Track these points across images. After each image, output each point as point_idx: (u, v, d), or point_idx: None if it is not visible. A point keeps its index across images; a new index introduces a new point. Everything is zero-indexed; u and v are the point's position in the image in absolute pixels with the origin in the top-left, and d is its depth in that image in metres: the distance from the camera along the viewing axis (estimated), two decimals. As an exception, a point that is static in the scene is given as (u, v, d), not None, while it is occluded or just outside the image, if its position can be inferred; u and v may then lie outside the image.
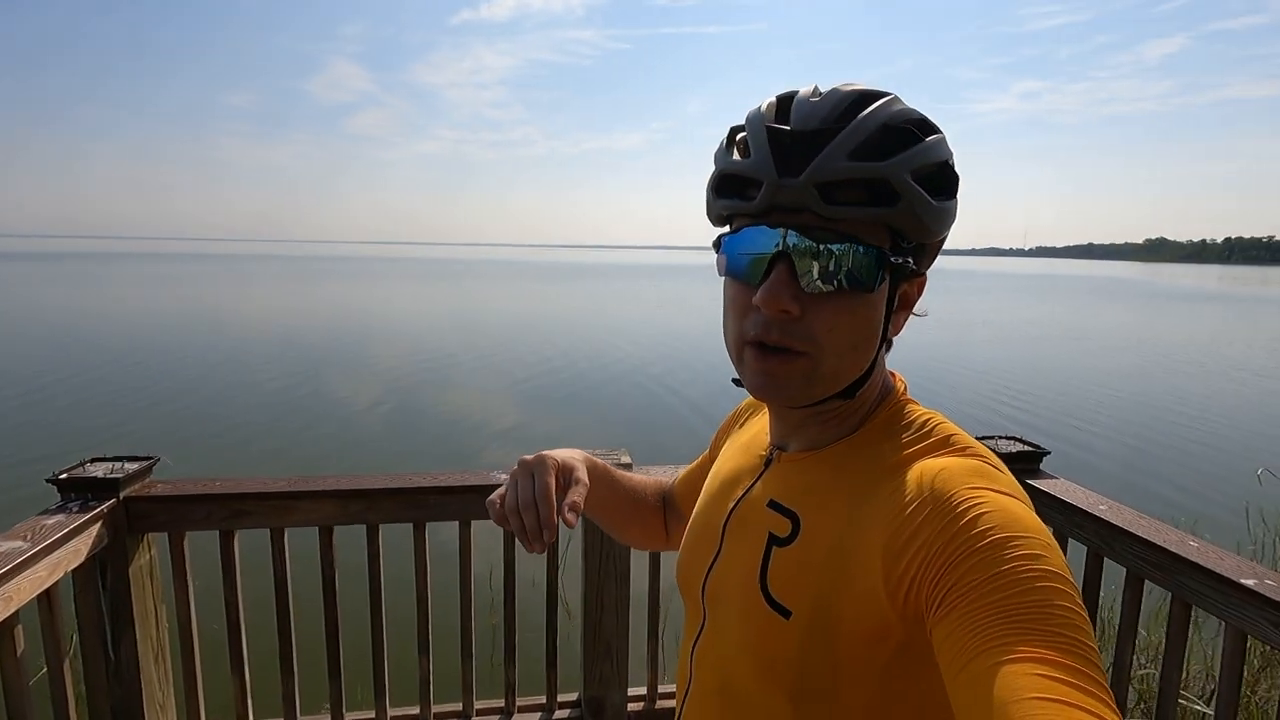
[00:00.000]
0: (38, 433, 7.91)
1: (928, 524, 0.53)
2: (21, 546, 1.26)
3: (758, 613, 0.63)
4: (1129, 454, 8.14)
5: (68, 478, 1.48)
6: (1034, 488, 1.72)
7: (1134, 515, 1.54)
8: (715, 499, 0.77)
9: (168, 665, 1.67)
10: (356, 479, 1.65)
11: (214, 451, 7.30)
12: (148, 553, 1.60)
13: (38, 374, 11.02)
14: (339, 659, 1.72)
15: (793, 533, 0.64)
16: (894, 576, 0.54)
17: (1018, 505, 0.53)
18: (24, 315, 19.51)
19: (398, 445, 7.90)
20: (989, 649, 0.45)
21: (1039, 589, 0.47)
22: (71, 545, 1.37)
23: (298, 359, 13.14)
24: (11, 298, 25.73)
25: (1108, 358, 15.84)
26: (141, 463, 1.58)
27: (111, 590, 1.52)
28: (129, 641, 1.55)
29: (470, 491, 1.67)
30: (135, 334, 15.92)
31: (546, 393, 10.92)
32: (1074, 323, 24.26)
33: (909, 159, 0.57)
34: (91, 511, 1.43)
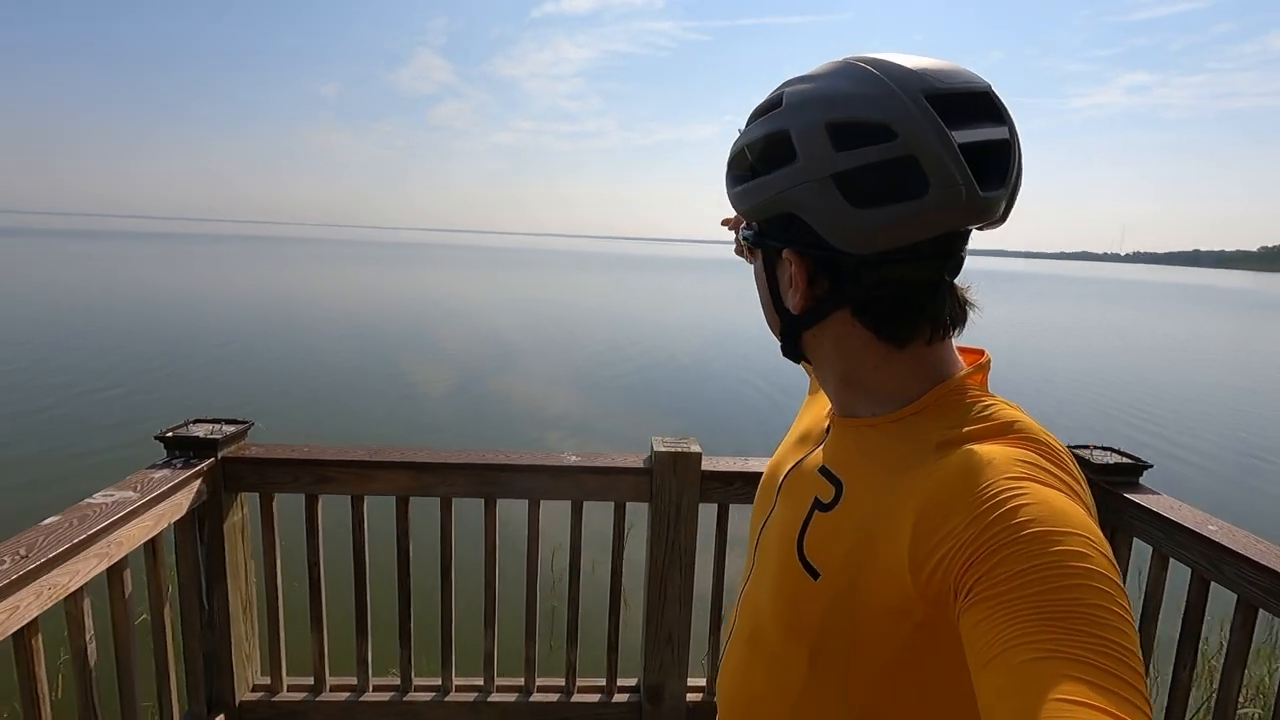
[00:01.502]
0: (146, 395, 8.58)
1: (961, 509, 0.51)
2: (132, 496, 1.35)
3: (790, 570, 0.66)
4: (1243, 475, 7.53)
5: (173, 436, 1.59)
6: (1132, 503, 1.60)
7: (1249, 537, 1.41)
8: (780, 459, 0.81)
9: (254, 618, 1.77)
10: (432, 452, 1.70)
11: (299, 422, 7.71)
12: (240, 511, 1.70)
13: (148, 342, 11.95)
14: (410, 626, 1.78)
15: (835, 499, 0.65)
16: (919, 555, 0.53)
17: (1062, 499, 0.50)
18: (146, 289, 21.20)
19: (469, 425, 8.15)
20: (1019, 644, 0.43)
21: (1079, 587, 0.44)
22: (175, 499, 1.47)
23: (376, 339, 13.76)
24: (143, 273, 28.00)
25: (1222, 373, 14.68)
26: (238, 426, 1.68)
27: (208, 543, 1.63)
28: (221, 593, 1.65)
29: (540, 471, 1.69)
30: (235, 310, 17.03)
31: (614, 381, 11.02)
32: (1184, 333, 22.60)
33: (736, 142, 0.68)
34: (193, 469, 1.53)
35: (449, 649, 1.79)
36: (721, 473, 1.71)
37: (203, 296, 20.02)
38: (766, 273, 0.69)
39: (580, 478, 1.70)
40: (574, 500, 1.73)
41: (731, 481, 1.72)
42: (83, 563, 1.21)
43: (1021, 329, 21.34)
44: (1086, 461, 1.72)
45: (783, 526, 0.70)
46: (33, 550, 1.12)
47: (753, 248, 0.70)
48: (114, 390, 8.65)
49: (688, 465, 1.68)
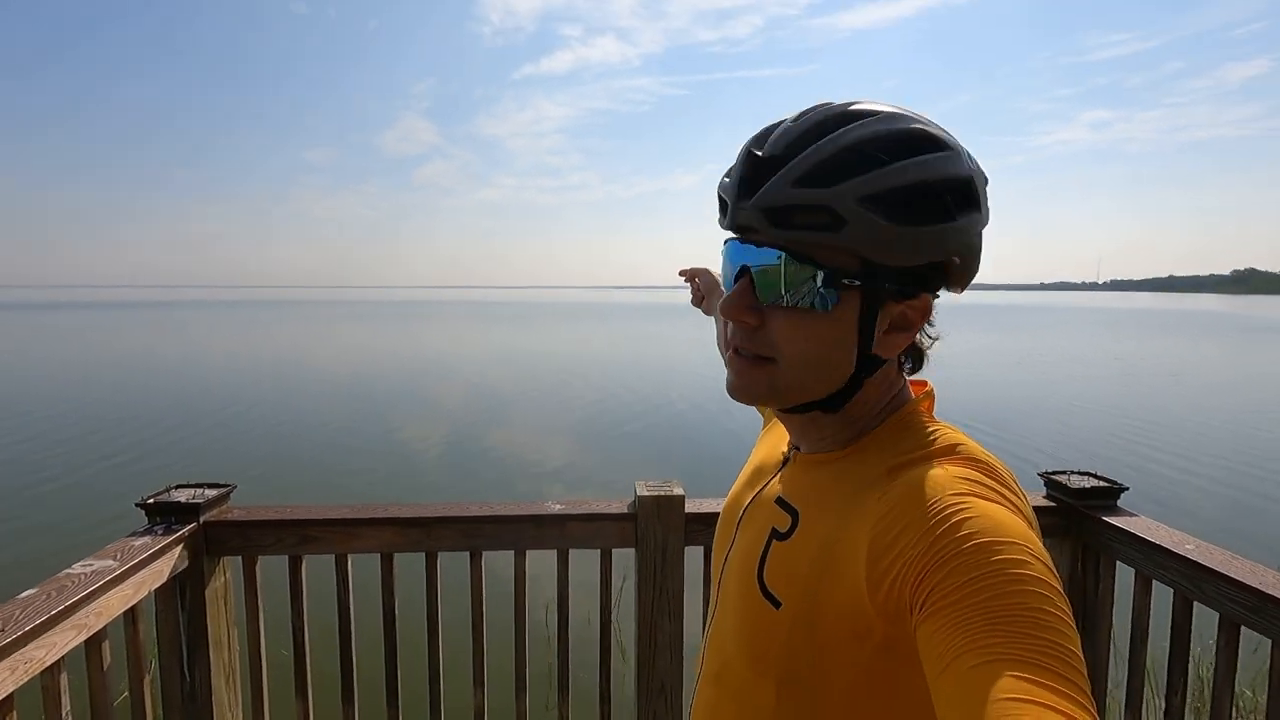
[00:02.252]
0: (131, 461, 8.46)
1: (912, 526, 0.54)
2: (112, 565, 1.34)
3: (752, 601, 0.67)
4: (1234, 496, 7.56)
5: (154, 502, 1.58)
6: (1110, 525, 1.62)
7: (1226, 556, 1.43)
8: (740, 491, 0.83)
9: (238, 687, 1.73)
10: (416, 507, 1.70)
11: (286, 485, 7.62)
12: (223, 575, 1.68)
13: (129, 410, 11.83)
14: (397, 687, 1.74)
15: (791, 528, 0.67)
16: (875, 574, 0.55)
17: (1004, 512, 0.53)
18: (123, 358, 21.04)
19: (454, 479, 8.10)
20: (970, 650, 0.45)
21: (1021, 593, 0.47)
22: (155, 565, 1.46)
23: (360, 397, 13.75)
24: (117, 342, 27.84)
25: (1207, 397, 14.86)
26: (220, 489, 1.67)
27: (190, 610, 1.60)
28: (203, 663, 1.62)
29: (525, 521, 1.69)
30: (217, 374, 16.97)
31: (599, 429, 11.02)
32: (1161, 358, 22.92)
33: (861, 184, 0.58)
34: (175, 534, 1.52)
35: (438, 707, 1.75)
36: (706, 514, 1.72)
37: (187, 363, 20.00)
38: (864, 317, 0.62)
39: (565, 526, 1.70)
40: (559, 549, 1.73)
41: (716, 523, 1.73)
42: (59, 635, 1.19)
43: (1002, 358, 21.60)
44: (1064, 486, 1.75)
45: (743, 558, 0.72)
46: (9, 624, 1.11)
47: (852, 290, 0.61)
48: (98, 461, 8.56)
49: (671, 508, 1.69)
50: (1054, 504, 1.76)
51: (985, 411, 12.18)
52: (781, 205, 0.59)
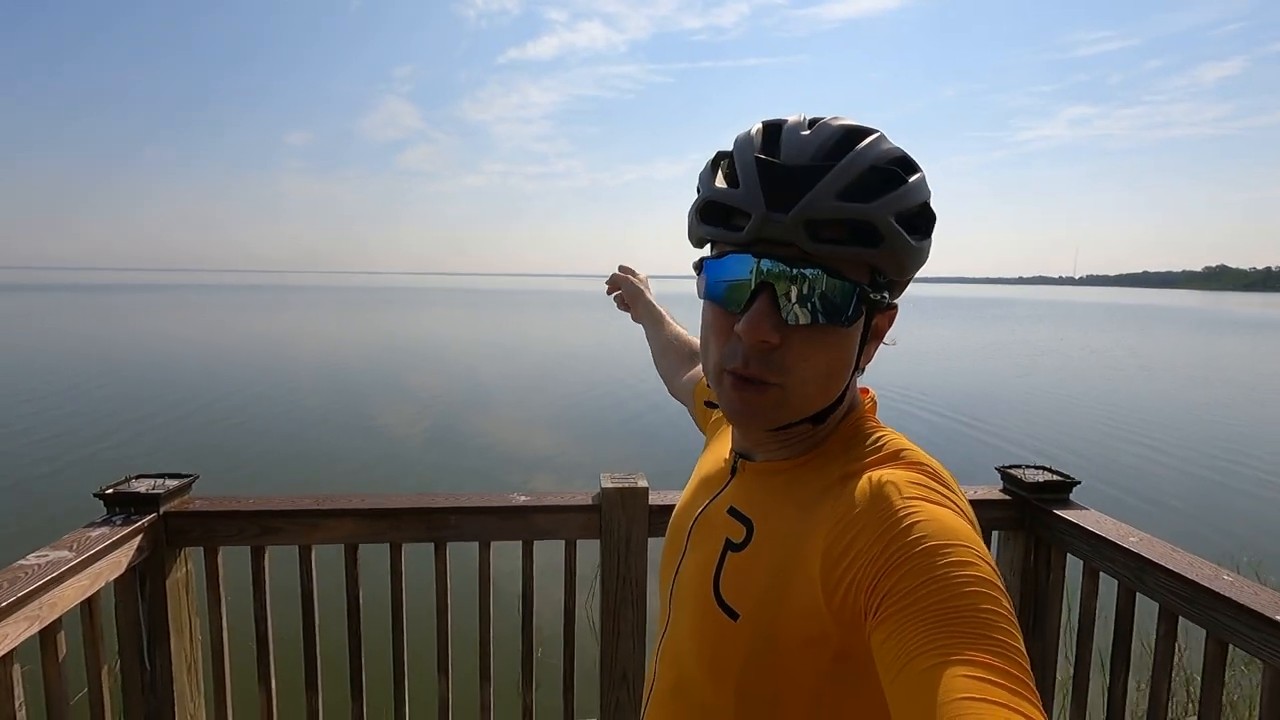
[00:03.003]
0: (93, 451, 8.31)
1: (864, 532, 0.55)
2: (67, 556, 1.33)
3: (709, 614, 0.66)
4: (1202, 489, 7.77)
5: (113, 493, 1.57)
6: (1061, 518, 1.67)
7: (1167, 548, 1.48)
8: (689, 502, 0.81)
9: (199, 677, 1.73)
10: (380, 498, 1.70)
11: (258, 471, 7.54)
12: (184, 566, 1.67)
13: (97, 397, 11.60)
14: (361, 677, 1.75)
15: (746, 538, 0.67)
16: (831, 582, 0.56)
17: (950, 515, 0.55)
18: (86, 343, 20.55)
19: (424, 470, 8.04)
20: (923, 652, 0.46)
21: (969, 594, 0.49)
22: (113, 556, 1.45)
23: (337, 384, 13.61)
24: (80, 326, 27.20)
25: (1175, 390, 15.20)
26: (182, 480, 1.66)
27: (149, 601, 1.59)
28: (164, 652, 1.62)
29: (490, 513, 1.70)
30: (187, 361, 16.69)
31: (571, 419, 11.03)
32: (1129, 352, 23.39)
33: (893, 201, 0.59)
34: (133, 525, 1.51)
35: (402, 698, 1.76)
36: (669, 506, 1.74)
37: (152, 350, 19.54)
38: (864, 331, 0.65)
39: (530, 517, 1.71)
40: (524, 540, 1.74)
41: None
42: (11, 626, 1.19)
43: (979, 350, 21.91)
44: (1019, 480, 1.79)
45: (697, 571, 0.71)
46: (-42, 616, 1.10)
47: (870, 303, 0.63)
48: (56, 451, 8.38)
49: (635, 500, 1.71)
50: (1009, 497, 1.81)
51: (968, 402, 12.39)
52: (826, 219, 0.58)
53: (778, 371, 0.61)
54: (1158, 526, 6.62)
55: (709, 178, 0.65)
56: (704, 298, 0.66)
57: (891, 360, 19.02)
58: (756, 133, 0.63)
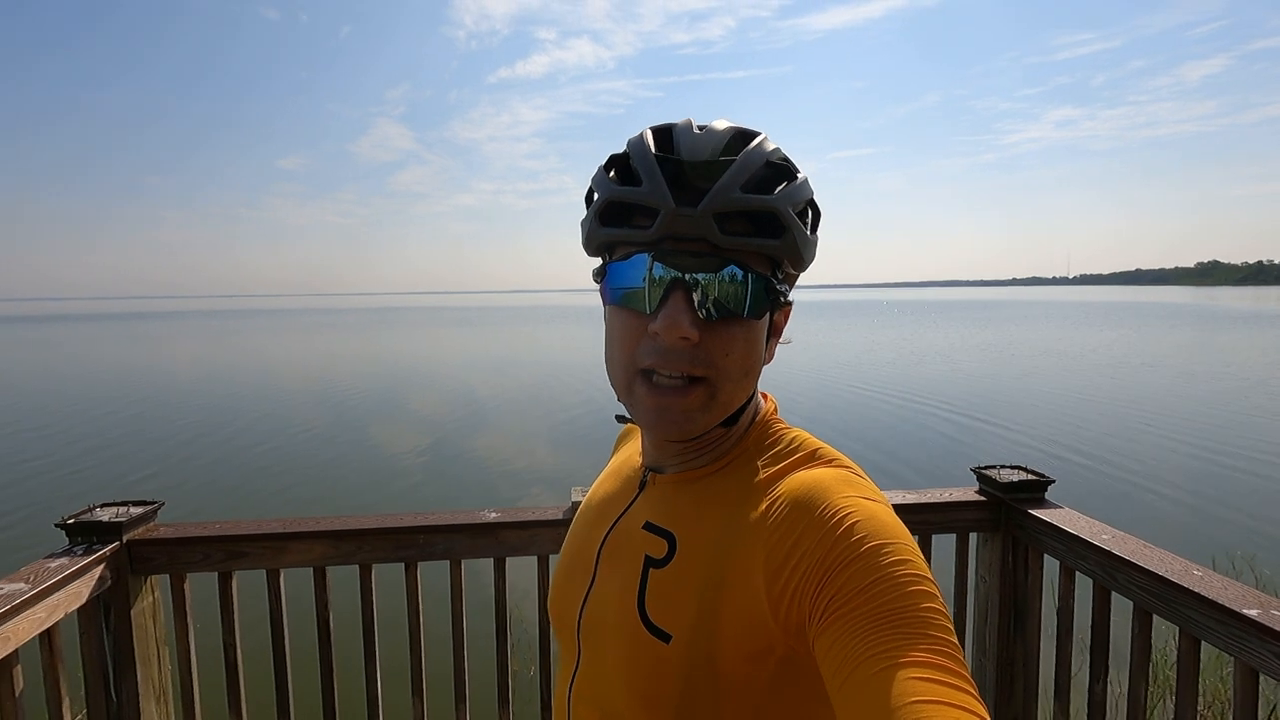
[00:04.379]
0: (58, 480, 8.24)
1: (806, 535, 0.54)
2: (22, 588, 1.31)
3: (637, 640, 0.62)
4: (1181, 487, 7.76)
5: (75, 522, 1.55)
6: (1035, 518, 1.66)
7: (1138, 544, 1.47)
8: (588, 527, 0.75)
9: (169, 707, 1.70)
10: (347, 519, 1.68)
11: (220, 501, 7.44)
12: (151, 595, 1.65)
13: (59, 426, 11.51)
14: (334, 701, 1.72)
15: (669, 553, 0.63)
16: (776, 589, 0.55)
17: (885, 511, 0.55)
18: (58, 373, 20.43)
19: (393, 493, 7.99)
20: (871, 655, 0.46)
21: (910, 594, 0.49)
22: (72, 587, 1.42)
23: (321, 407, 13.55)
24: (82, 355, 27.13)
25: (1175, 384, 15.25)
26: (147, 506, 1.64)
27: (114, 632, 1.57)
28: (130, 683, 1.59)
29: (459, 531, 1.68)
30: (153, 390, 16.54)
31: (544, 432, 11.01)
32: (1128, 349, 23.47)
33: (791, 193, 0.60)
34: (94, 554, 1.49)
35: (376, 719, 1.74)
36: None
37: (124, 377, 19.40)
38: (770, 327, 0.65)
39: (500, 534, 1.69)
40: (495, 557, 1.72)
41: None
42: (-39, 662, 1.16)
43: (984, 351, 21.97)
44: (994, 480, 1.78)
45: (615, 597, 0.66)
46: (-97, 653, 1.07)
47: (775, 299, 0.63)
48: (20, 479, 8.27)
49: (607, 513, 1.69)
50: (985, 498, 1.79)
51: (971, 400, 12.40)
52: (732, 211, 0.57)
53: (704, 366, 0.60)
54: (1168, 521, 6.54)
55: (604, 180, 0.63)
56: (610, 304, 0.64)
57: (890, 363, 19.03)
58: (648, 135, 0.62)
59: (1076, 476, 8.02)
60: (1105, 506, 6.80)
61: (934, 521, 1.77)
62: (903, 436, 10.24)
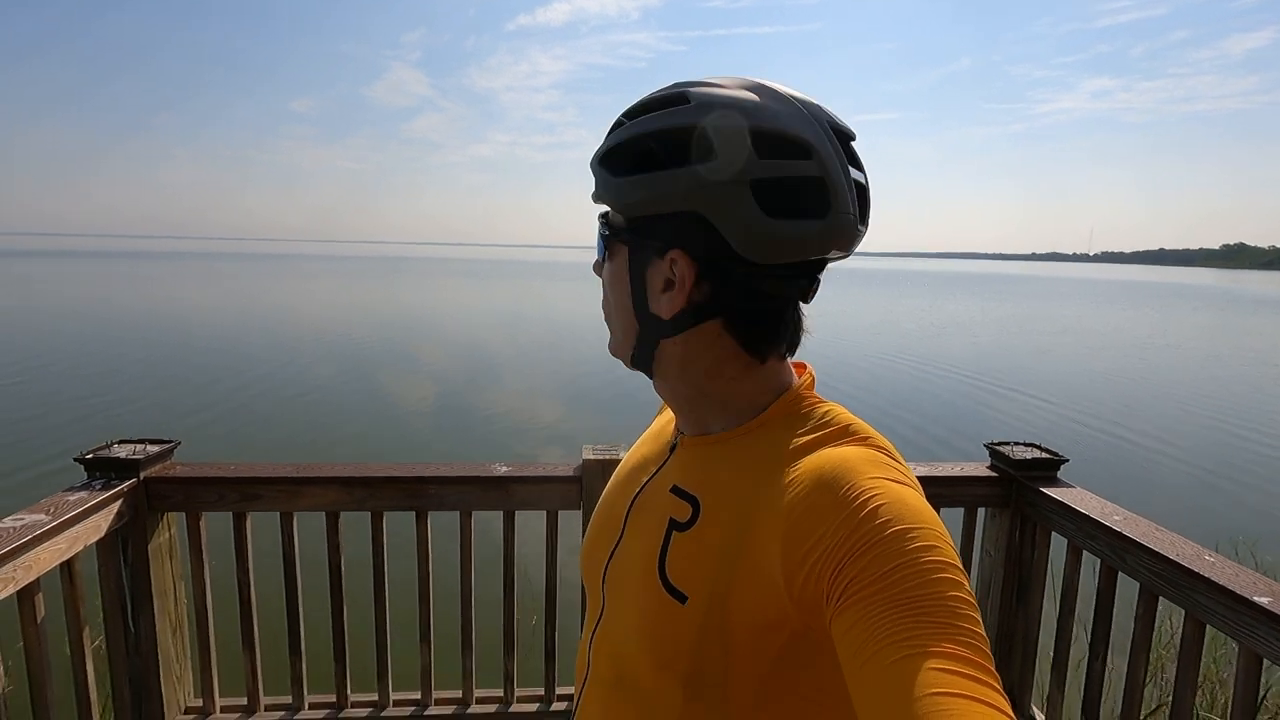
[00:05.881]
0: (78, 416, 8.38)
1: (828, 514, 0.53)
2: (43, 520, 1.34)
3: (655, 598, 0.63)
4: (1197, 471, 7.73)
5: (93, 457, 1.57)
6: (1047, 496, 1.65)
7: (1149, 527, 1.46)
8: (621, 486, 0.77)
9: (185, 640, 1.76)
10: (361, 467, 1.70)
11: (244, 439, 7.56)
12: (167, 531, 1.68)
13: (78, 363, 11.67)
14: (344, 642, 1.77)
15: (693, 517, 0.63)
16: (792, 564, 0.54)
17: (913, 495, 0.53)
18: (80, 310, 20.58)
19: (413, 438, 8.08)
20: (892, 642, 0.45)
21: (935, 581, 0.47)
22: (92, 521, 1.46)
23: (334, 354, 13.62)
24: (77, 292, 27.32)
25: (1193, 368, 15.07)
26: (163, 445, 1.67)
27: (132, 565, 1.61)
28: (148, 615, 1.64)
29: (470, 483, 1.70)
30: (174, 329, 16.66)
31: (555, 389, 11.07)
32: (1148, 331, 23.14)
33: (601, 148, 0.66)
34: (113, 489, 1.51)
35: (385, 664, 1.78)
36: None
37: (144, 316, 19.49)
38: (632, 273, 0.64)
39: (511, 488, 1.71)
40: (505, 510, 1.74)
41: None
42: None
43: (971, 326, 21.76)
44: (1006, 457, 1.77)
45: (639, 555, 0.67)
46: (-71, 577, 1.10)
47: (620, 243, 0.65)
48: (41, 414, 8.37)
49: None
50: (996, 474, 1.79)
51: (1004, 374, 12.34)
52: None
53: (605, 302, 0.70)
54: (1176, 503, 6.47)
55: None
56: None
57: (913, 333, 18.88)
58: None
59: (1090, 455, 8.00)
60: (1115, 485, 6.78)
61: (944, 495, 1.77)
62: (916, 407, 10.21)
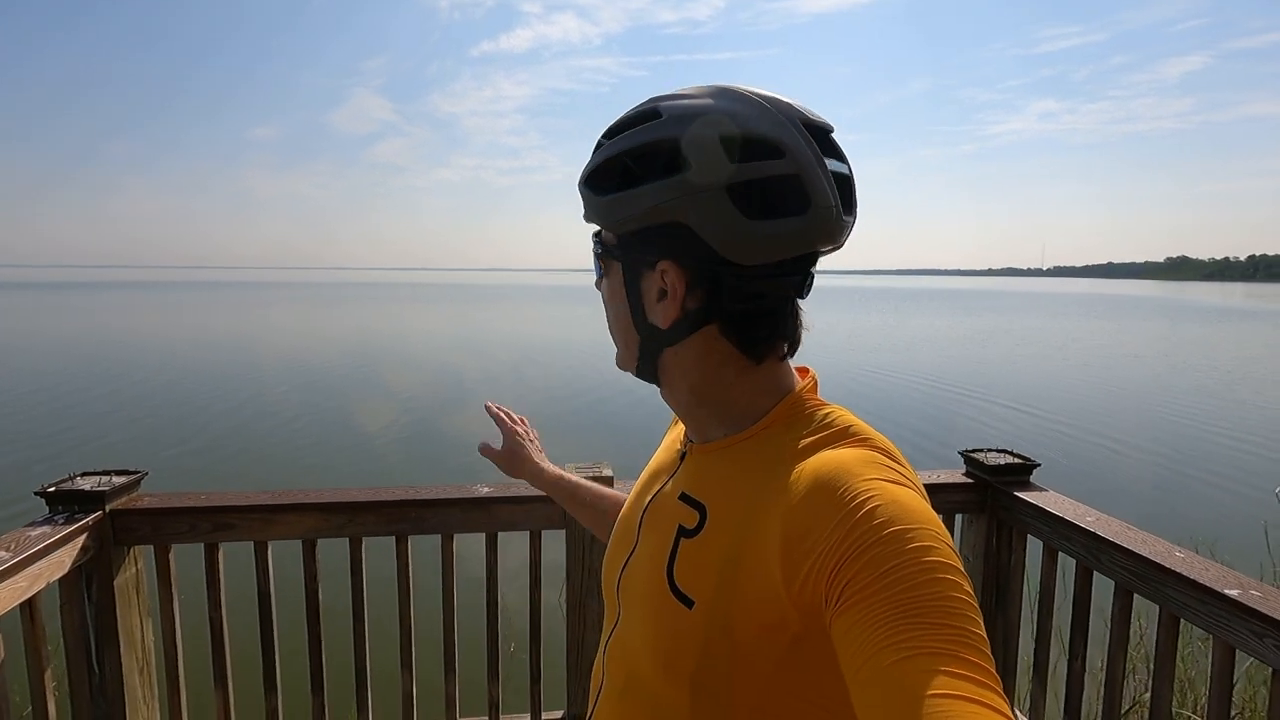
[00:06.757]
0: (39, 450, 8.05)
1: (825, 516, 0.53)
2: (3, 556, 1.28)
3: (663, 603, 0.63)
4: (1157, 473, 7.99)
5: (55, 491, 1.51)
6: (1021, 500, 1.69)
7: (1122, 526, 1.51)
8: (636, 496, 0.79)
9: (152, 679, 1.68)
10: (339, 492, 1.66)
11: (212, 470, 7.34)
12: (134, 566, 1.62)
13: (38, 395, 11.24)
14: (322, 674, 1.71)
15: (700, 524, 0.64)
16: (790, 566, 0.54)
17: (910, 495, 0.54)
18: (36, 341, 19.90)
19: (383, 466, 7.94)
20: (890, 645, 0.45)
21: (934, 581, 0.47)
22: (54, 556, 1.39)
23: (301, 381, 13.38)
24: (32, 324, 26.34)
25: (1131, 373, 15.61)
26: (129, 476, 1.61)
27: (96, 602, 1.54)
28: (113, 654, 1.56)
29: (451, 505, 1.67)
30: (137, 358, 16.23)
31: (537, 409, 10.99)
32: (1094, 340, 23.96)
33: (584, 170, 0.68)
34: (76, 524, 1.45)
35: (364, 693, 1.73)
36: (635, 495, 1.72)
37: (103, 346, 18.95)
38: (628, 287, 0.66)
39: (493, 509, 1.69)
40: (488, 532, 1.71)
41: None
42: (-59, 630, 1.13)
43: (941, 341, 22.29)
44: (981, 463, 1.81)
45: (649, 562, 0.68)
46: (-120, 620, 1.04)
47: (613, 259, 0.67)
48: (2, 449, 8.06)
49: (600, 490, 1.69)
50: (971, 480, 1.82)
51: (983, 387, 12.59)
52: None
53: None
54: (1143, 505, 6.65)
55: None
56: None
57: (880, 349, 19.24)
58: None
59: (1057, 462, 8.21)
60: (1078, 488, 6.96)
61: (922, 502, 1.79)
62: (891, 418, 10.38)
